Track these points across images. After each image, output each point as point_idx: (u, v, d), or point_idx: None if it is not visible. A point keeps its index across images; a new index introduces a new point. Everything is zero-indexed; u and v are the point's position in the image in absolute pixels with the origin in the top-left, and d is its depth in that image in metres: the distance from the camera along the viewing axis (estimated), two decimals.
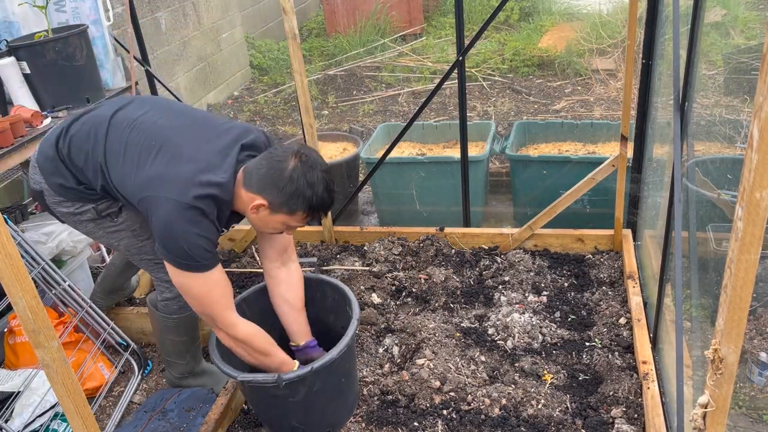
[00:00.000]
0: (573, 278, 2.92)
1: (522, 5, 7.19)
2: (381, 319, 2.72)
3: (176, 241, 1.82)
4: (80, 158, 2.03)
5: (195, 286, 1.90)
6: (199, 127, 2.01)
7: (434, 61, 6.14)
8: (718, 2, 4.76)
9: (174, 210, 1.80)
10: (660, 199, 2.49)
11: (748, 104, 3.33)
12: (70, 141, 2.05)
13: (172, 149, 1.91)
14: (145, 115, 2.02)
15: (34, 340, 1.29)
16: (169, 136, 1.95)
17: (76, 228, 2.22)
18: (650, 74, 2.69)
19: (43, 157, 2.09)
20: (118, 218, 2.15)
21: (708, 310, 2.35)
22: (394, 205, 3.72)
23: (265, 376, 1.95)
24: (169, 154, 1.90)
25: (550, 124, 3.87)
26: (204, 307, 1.94)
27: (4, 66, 2.64)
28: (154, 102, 2.16)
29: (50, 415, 2.37)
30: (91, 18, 2.98)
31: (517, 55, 6.00)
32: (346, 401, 2.19)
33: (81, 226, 2.18)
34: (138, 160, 1.92)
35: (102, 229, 2.17)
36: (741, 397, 2.36)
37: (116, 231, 2.17)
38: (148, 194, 1.85)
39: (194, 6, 5.77)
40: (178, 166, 1.86)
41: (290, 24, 2.72)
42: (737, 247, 0.98)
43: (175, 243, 1.82)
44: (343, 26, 7.09)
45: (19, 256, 1.21)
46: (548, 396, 2.23)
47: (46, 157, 2.09)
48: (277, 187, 1.85)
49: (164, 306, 2.33)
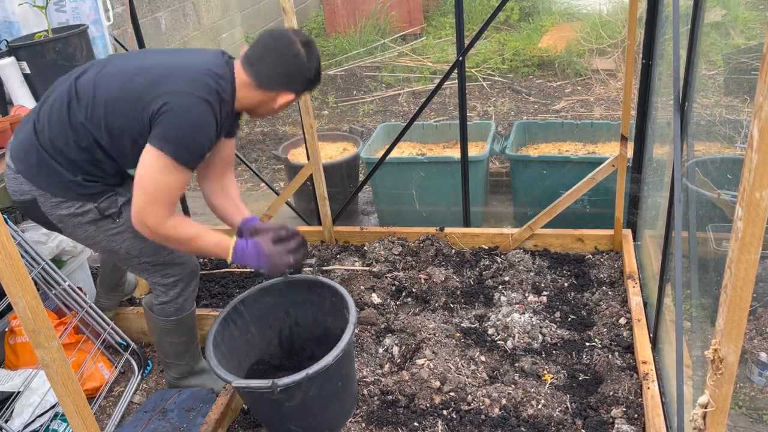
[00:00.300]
0: (573, 278, 2.92)
1: (522, 5, 7.19)
2: (381, 319, 2.72)
3: (185, 133, 1.86)
4: (67, 137, 1.95)
5: (167, 182, 1.89)
6: (175, 52, 2.11)
7: (434, 61, 6.14)
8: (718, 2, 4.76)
9: (191, 102, 1.86)
10: (660, 199, 2.49)
11: (748, 104, 3.33)
12: (49, 129, 1.96)
13: (162, 65, 1.96)
14: (113, 61, 2.03)
15: (34, 340, 1.29)
16: (150, 62, 1.99)
17: (74, 233, 2.11)
18: (650, 74, 2.69)
19: (24, 164, 2.00)
20: (119, 219, 2.09)
21: (708, 310, 2.35)
22: (394, 205, 3.72)
23: (260, 382, 1.93)
24: (161, 65, 1.95)
25: (550, 124, 3.87)
26: (155, 201, 1.89)
27: (4, 66, 2.64)
28: (118, 56, 2.12)
29: (50, 415, 2.37)
30: (91, 18, 2.98)
31: (517, 55, 6.00)
32: (344, 404, 2.19)
33: (81, 229, 2.09)
34: (129, 78, 1.92)
35: (103, 233, 2.10)
36: (741, 397, 2.36)
37: (118, 233, 2.12)
38: (158, 92, 1.87)
39: (194, 6, 5.77)
40: (179, 67, 1.93)
41: (290, 24, 2.72)
42: (737, 247, 0.99)
43: (183, 134, 1.86)
44: (343, 26, 7.09)
45: (19, 256, 1.21)
46: (548, 396, 2.23)
47: (27, 162, 1.99)
48: (303, 76, 2.01)
49: (160, 309, 2.30)
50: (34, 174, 2.00)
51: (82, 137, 1.97)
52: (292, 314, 2.43)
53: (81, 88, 1.98)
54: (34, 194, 2.02)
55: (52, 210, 2.05)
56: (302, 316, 2.44)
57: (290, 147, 4.13)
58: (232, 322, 2.28)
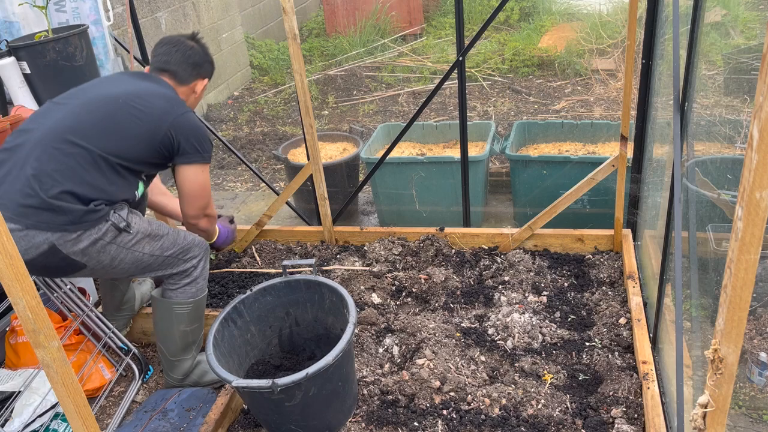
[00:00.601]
0: (573, 278, 2.92)
1: (522, 5, 7.20)
2: (381, 319, 2.72)
3: (205, 138, 2.31)
4: (67, 173, 2.07)
5: (206, 179, 2.36)
6: (130, 82, 2.35)
7: (434, 61, 6.14)
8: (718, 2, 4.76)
9: (193, 116, 2.31)
10: (660, 199, 2.49)
11: (748, 104, 3.34)
12: (40, 175, 2.04)
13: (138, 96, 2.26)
14: (67, 107, 2.22)
15: (34, 340, 1.29)
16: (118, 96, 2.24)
17: (99, 261, 2.15)
18: (650, 74, 2.69)
19: (32, 218, 2.03)
20: (131, 228, 2.18)
21: (708, 310, 2.36)
22: (394, 205, 3.72)
23: (259, 382, 1.93)
24: (138, 97, 2.25)
25: (550, 124, 3.87)
26: (207, 197, 2.40)
27: (5, 66, 2.64)
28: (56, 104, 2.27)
29: (50, 415, 2.37)
30: (91, 18, 2.98)
31: (517, 55, 6.01)
32: (344, 404, 2.19)
33: (104, 254, 2.15)
34: (124, 126, 2.19)
35: (124, 248, 2.18)
36: (741, 397, 2.36)
37: (136, 242, 2.21)
38: (171, 116, 2.22)
39: (194, 6, 5.78)
40: (160, 95, 2.28)
41: (290, 24, 2.72)
42: (737, 247, 0.99)
43: (206, 140, 2.30)
44: (343, 26, 7.09)
45: (20, 256, 1.21)
46: (548, 396, 2.23)
47: (36, 215, 2.03)
48: (206, 62, 2.45)
49: (181, 292, 2.37)
50: (46, 219, 2.03)
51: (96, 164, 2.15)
52: (292, 314, 2.44)
53: (76, 135, 2.13)
54: (50, 240, 2.04)
55: (73, 247, 2.08)
56: (302, 316, 2.44)
57: (290, 147, 4.13)
58: (232, 322, 2.28)
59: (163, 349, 2.47)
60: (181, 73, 2.36)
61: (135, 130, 2.17)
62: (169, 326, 2.41)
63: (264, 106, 5.97)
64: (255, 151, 5.09)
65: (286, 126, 5.51)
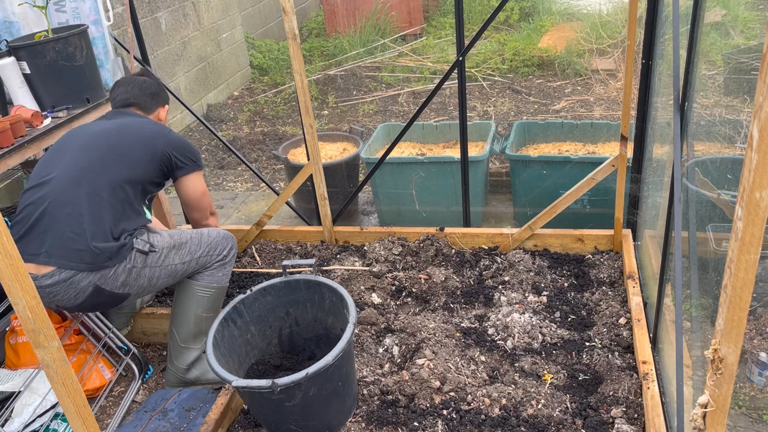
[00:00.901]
0: (573, 278, 2.92)
1: (522, 5, 7.20)
2: (381, 319, 2.72)
3: (194, 149, 2.54)
4: (97, 215, 2.24)
5: (204, 183, 2.59)
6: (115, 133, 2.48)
7: (434, 61, 6.14)
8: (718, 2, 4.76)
9: (176, 133, 2.53)
10: (660, 199, 2.49)
11: (748, 104, 3.34)
12: (78, 223, 2.21)
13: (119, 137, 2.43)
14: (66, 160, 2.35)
15: (34, 340, 1.29)
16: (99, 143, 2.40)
17: (139, 284, 2.32)
18: (650, 74, 2.69)
19: (77, 262, 2.18)
20: (156, 247, 2.34)
21: (708, 310, 2.36)
22: (394, 205, 3.72)
23: (260, 382, 1.93)
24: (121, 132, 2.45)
25: (550, 124, 3.87)
26: (208, 198, 2.64)
27: (4, 66, 2.64)
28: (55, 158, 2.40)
29: (50, 415, 2.37)
30: (91, 18, 2.98)
31: (517, 55, 6.01)
32: (344, 404, 2.19)
33: (142, 277, 2.31)
34: (118, 156, 2.36)
35: (157, 267, 2.34)
36: (741, 397, 2.36)
37: (165, 257, 2.36)
38: (162, 136, 2.45)
39: (194, 6, 5.77)
40: (143, 122, 2.51)
41: (290, 24, 2.72)
42: (737, 247, 0.99)
43: (195, 150, 2.53)
44: (343, 26, 7.10)
45: (19, 256, 1.21)
46: (548, 396, 2.23)
47: (79, 259, 2.18)
48: (162, 90, 2.70)
49: (209, 275, 2.48)
50: (89, 261, 2.19)
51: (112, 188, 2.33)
52: (292, 314, 2.44)
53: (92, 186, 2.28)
54: (94, 281, 2.21)
55: (114, 281, 2.26)
56: (302, 315, 2.44)
57: (290, 147, 4.13)
58: (232, 322, 2.28)
59: (175, 333, 2.50)
60: (145, 104, 2.60)
61: (136, 155, 2.36)
62: (187, 308, 2.47)
63: (264, 106, 5.97)
64: (255, 151, 5.09)
65: (286, 126, 5.51)
